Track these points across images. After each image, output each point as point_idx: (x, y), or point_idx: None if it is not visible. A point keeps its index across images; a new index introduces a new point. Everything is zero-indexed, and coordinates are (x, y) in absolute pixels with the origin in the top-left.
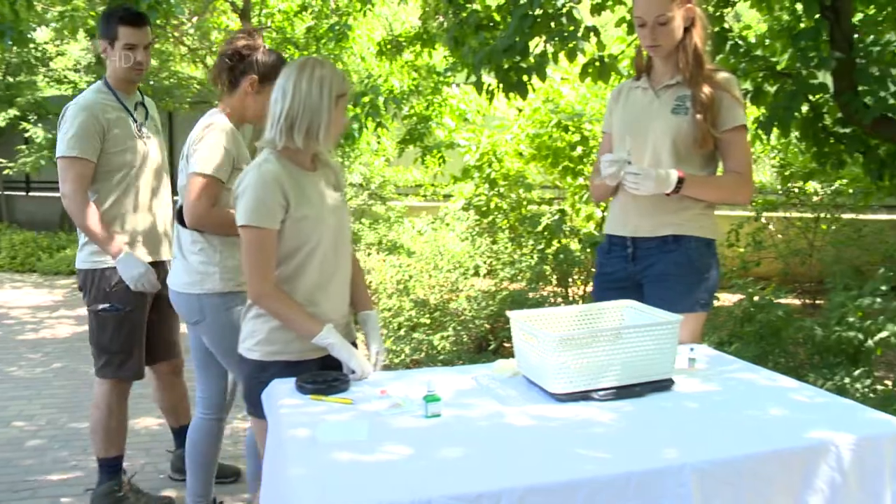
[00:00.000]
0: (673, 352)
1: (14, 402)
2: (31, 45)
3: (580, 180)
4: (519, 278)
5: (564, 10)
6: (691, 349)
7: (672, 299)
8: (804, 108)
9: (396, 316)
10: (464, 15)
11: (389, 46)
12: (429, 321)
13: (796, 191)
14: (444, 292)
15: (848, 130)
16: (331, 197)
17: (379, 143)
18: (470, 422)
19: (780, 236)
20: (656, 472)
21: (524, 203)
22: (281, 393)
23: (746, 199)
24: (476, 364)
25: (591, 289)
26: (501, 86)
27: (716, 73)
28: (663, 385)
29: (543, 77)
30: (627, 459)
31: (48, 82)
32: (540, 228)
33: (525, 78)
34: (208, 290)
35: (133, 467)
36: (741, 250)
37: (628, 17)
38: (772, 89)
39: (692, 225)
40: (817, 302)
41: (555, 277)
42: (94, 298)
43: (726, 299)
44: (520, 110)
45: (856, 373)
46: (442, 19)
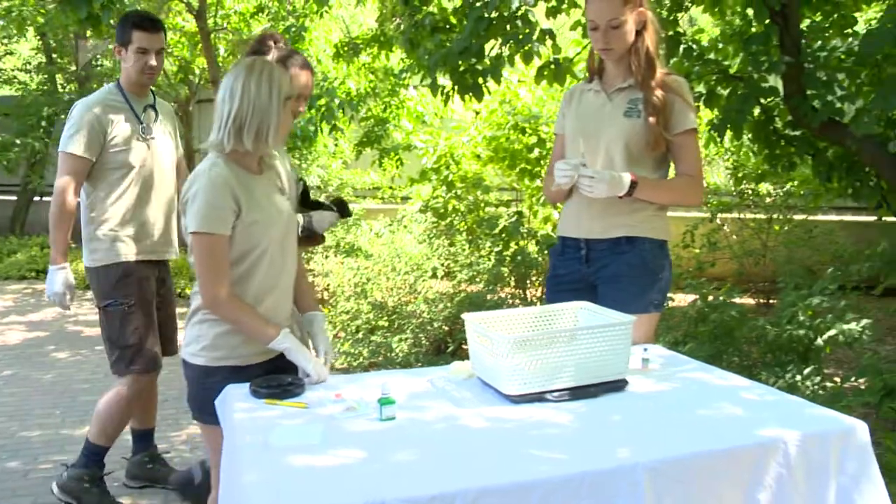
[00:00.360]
0: (626, 352)
1: None
2: None
3: (537, 182)
4: (477, 280)
5: (520, 13)
6: (645, 349)
7: (626, 300)
8: (756, 111)
9: (354, 319)
10: (419, 17)
11: (346, 48)
12: (387, 324)
13: (749, 192)
14: (402, 295)
15: (798, 133)
16: (278, 200)
17: (336, 145)
18: (424, 424)
19: (734, 237)
20: (609, 471)
21: (482, 205)
22: (235, 398)
23: (698, 200)
24: (434, 366)
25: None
26: (457, 88)
27: (667, 76)
28: (617, 385)
29: (499, 79)
30: (581, 460)
31: None
32: (497, 230)
33: (480, 80)
34: None
35: None
36: (696, 251)
37: (583, 21)
38: (724, 92)
39: (645, 226)
40: (771, 301)
41: (513, 279)
42: (99, 295)
43: (681, 300)
44: (477, 112)
45: (806, 371)
46: (399, 21)
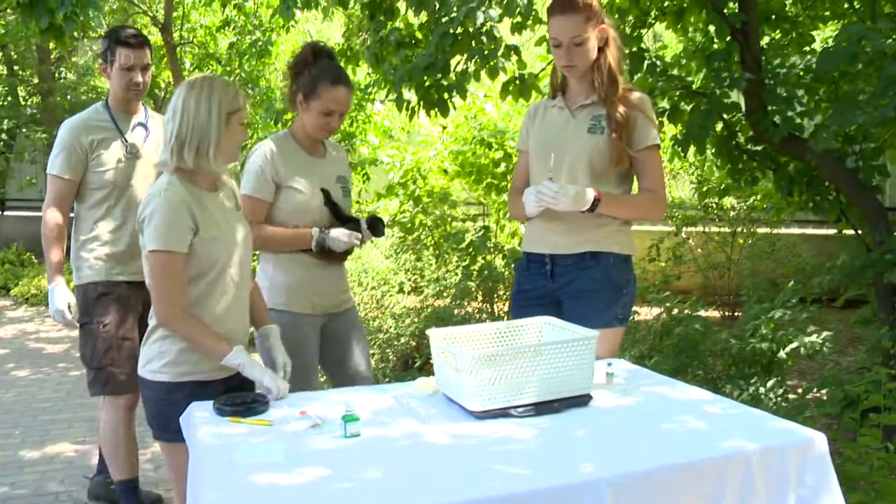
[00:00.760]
0: (590, 367)
1: None
2: None
3: (504, 197)
4: (444, 295)
5: (485, 29)
6: (609, 364)
7: (591, 315)
8: (719, 127)
9: None
10: (385, 32)
11: None
12: None
13: (714, 206)
14: (368, 310)
15: (760, 148)
16: (233, 217)
17: None
18: (389, 441)
19: (699, 250)
20: (573, 486)
21: (448, 220)
22: (199, 416)
23: (660, 215)
24: (402, 382)
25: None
26: (422, 103)
27: (630, 92)
28: (581, 400)
29: (464, 95)
30: (545, 475)
31: None
32: (464, 245)
33: (446, 95)
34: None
35: (46, 498)
36: (662, 265)
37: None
38: (688, 108)
39: (609, 241)
40: (736, 314)
41: (480, 293)
42: (80, 313)
43: (647, 313)
44: (444, 127)
45: (769, 383)
46: (365, 36)
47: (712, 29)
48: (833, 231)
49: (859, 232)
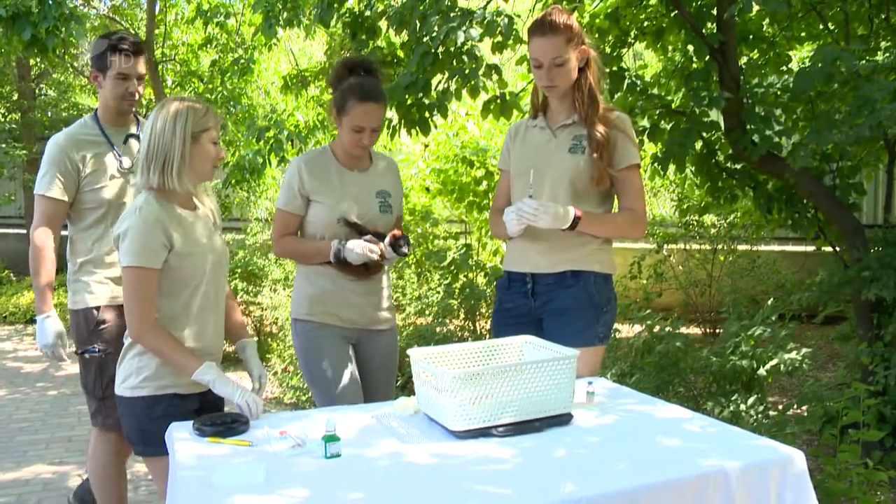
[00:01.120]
0: (571, 386)
1: None
2: None
3: (486, 214)
4: (426, 313)
5: (466, 49)
6: (590, 383)
7: (571, 333)
8: (698, 145)
9: None
10: (367, 51)
11: (295, 81)
12: None
13: (694, 224)
14: None
15: (739, 166)
16: (210, 234)
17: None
18: (370, 461)
19: (680, 268)
20: None
21: (430, 237)
22: (178, 436)
23: (641, 234)
24: (382, 401)
25: (491, 325)
26: (403, 122)
27: (610, 112)
28: (562, 419)
29: (445, 114)
30: (526, 495)
31: None
32: (446, 263)
33: (427, 114)
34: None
35: None
36: (644, 282)
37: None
38: (667, 126)
39: (590, 260)
40: (717, 330)
41: (462, 311)
42: (77, 340)
43: (629, 330)
44: (426, 146)
45: (750, 400)
46: (347, 55)
47: (691, 49)
48: (812, 248)
49: (837, 249)
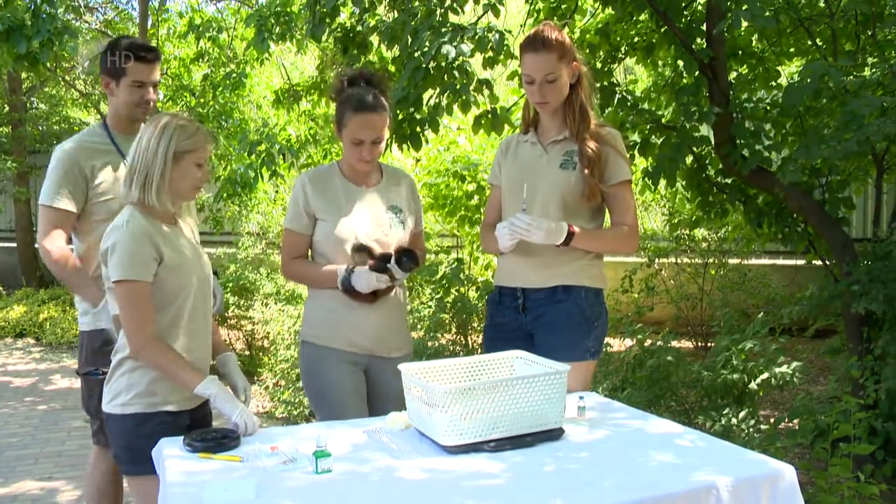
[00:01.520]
0: (562, 401)
1: None
2: None
3: (477, 229)
4: (418, 327)
5: (457, 64)
6: (581, 397)
7: (562, 348)
8: (689, 160)
9: (294, 367)
10: (358, 66)
11: (286, 95)
12: None
13: (685, 238)
14: None
15: (729, 181)
16: (193, 248)
17: (277, 191)
18: (361, 477)
19: (671, 282)
20: None
21: None
22: (168, 452)
23: (632, 249)
24: (374, 416)
25: (482, 340)
26: (395, 137)
27: (601, 128)
28: (553, 434)
29: (436, 129)
30: None
31: None
32: (438, 277)
33: (418, 129)
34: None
35: None
36: (635, 296)
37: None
38: (658, 141)
39: (581, 275)
40: (709, 344)
41: (453, 326)
42: (81, 361)
43: (620, 345)
44: (417, 160)
45: (741, 414)
46: (339, 69)
47: (681, 64)
48: (802, 262)
49: (827, 263)
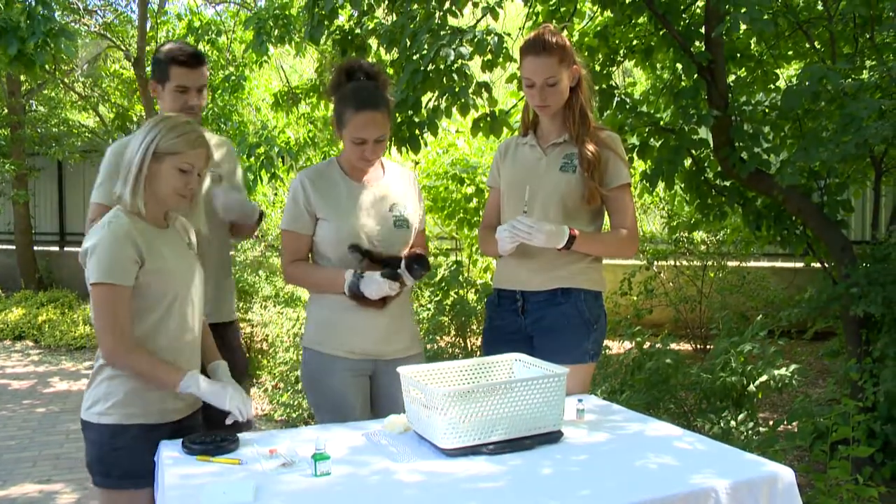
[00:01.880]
0: (561, 404)
1: None
2: None
3: (476, 231)
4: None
5: (455, 67)
6: (580, 400)
7: (561, 351)
8: (687, 162)
9: (293, 370)
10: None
11: (285, 98)
12: None
13: (684, 240)
14: None
15: (728, 183)
16: (183, 253)
17: (276, 194)
18: (359, 479)
19: (670, 284)
20: None
21: None
22: (167, 455)
23: (632, 253)
24: (373, 418)
25: (481, 342)
26: (394, 139)
27: (601, 131)
28: (552, 437)
29: (435, 132)
30: None
31: None
32: (437, 280)
33: (417, 132)
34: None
35: None
36: (634, 298)
37: (519, 74)
38: (657, 144)
39: (581, 278)
40: (708, 346)
41: (453, 328)
42: None
43: (619, 347)
44: (416, 162)
45: (740, 416)
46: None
47: (680, 67)
48: (801, 264)
49: (826, 265)
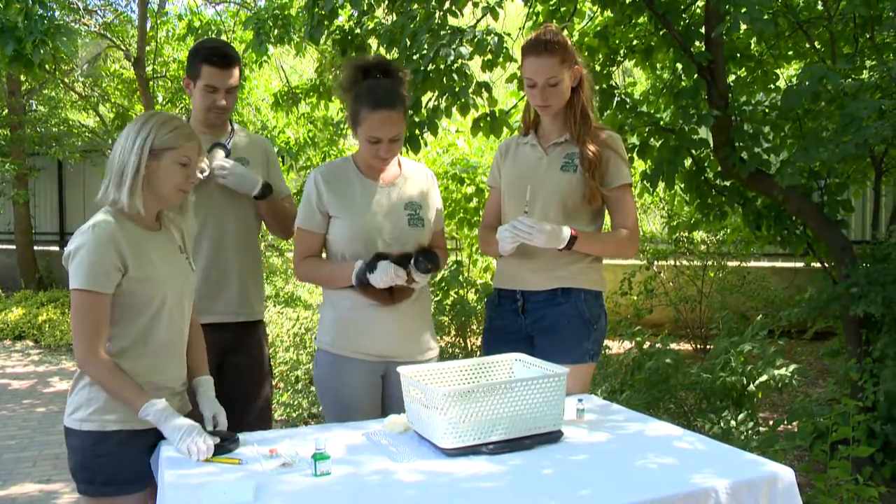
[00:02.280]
0: (561, 404)
1: None
2: None
3: (476, 231)
4: None
5: (455, 67)
6: (580, 400)
7: (562, 351)
8: (687, 162)
9: (294, 369)
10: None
11: (285, 98)
12: None
13: (684, 240)
14: None
15: (728, 183)
16: (174, 257)
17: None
18: (359, 479)
19: (670, 284)
20: None
21: None
22: (166, 455)
23: (633, 253)
24: (373, 418)
25: (481, 342)
26: None
27: (601, 131)
28: (552, 437)
29: (435, 132)
30: None
31: None
32: (437, 279)
33: (417, 132)
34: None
35: None
36: (634, 298)
37: (519, 74)
38: (657, 144)
39: (581, 278)
40: (708, 346)
41: (453, 328)
42: None
43: (619, 347)
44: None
45: (740, 416)
46: (337, 72)
47: (680, 67)
48: (801, 264)
49: (826, 265)
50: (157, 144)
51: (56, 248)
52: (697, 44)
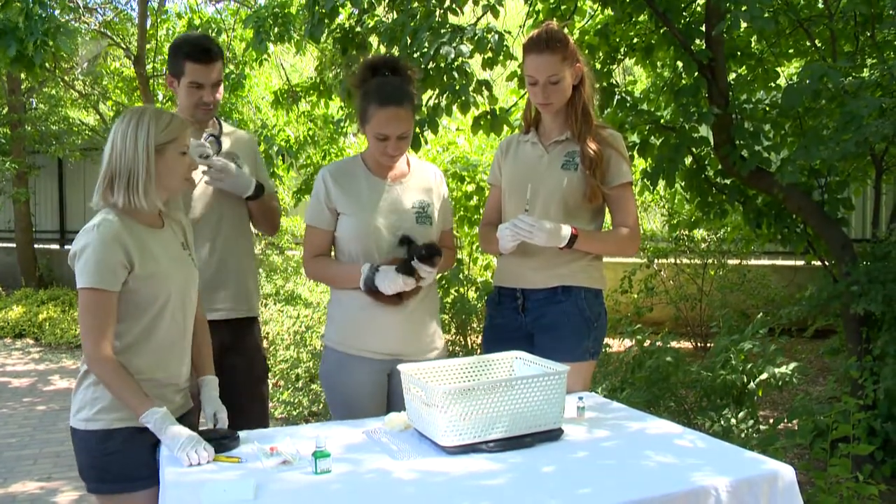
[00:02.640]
0: (561, 402)
1: None
2: None
3: (476, 229)
4: None
5: (456, 65)
6: (580, 398)
7: (562, 349)
8: (688, 160)
9: (294, 367)
10: (357, 66)
11: (286, 96)
12: None
13: (684, 238)
14: None
15: (728, 181)
16: (178, 254)
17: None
18: (359, 477)
19: (670, 282)
20: None
21: None
22: (167, 453)
23: (633, 252)
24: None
25: (481, 340)
26: None
27: (602, 130)
28: (553, 435)
29: (436, 129)
30: None
31: None
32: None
33: (417, 130)
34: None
35: None
36: (634, 296)
37: (519, 72)
38: (657, 142)
39: (581, 276)
40: (708, 344)
41: (453, 326)
42: None
43: (619, 345)
44: None
45: (740, 414)
46: (338, 70)
47: (680, 65)
48: (802, 262)
49: (826, 263)
50: (160, 139)
51: (56, 247)
52: (698, 42)
